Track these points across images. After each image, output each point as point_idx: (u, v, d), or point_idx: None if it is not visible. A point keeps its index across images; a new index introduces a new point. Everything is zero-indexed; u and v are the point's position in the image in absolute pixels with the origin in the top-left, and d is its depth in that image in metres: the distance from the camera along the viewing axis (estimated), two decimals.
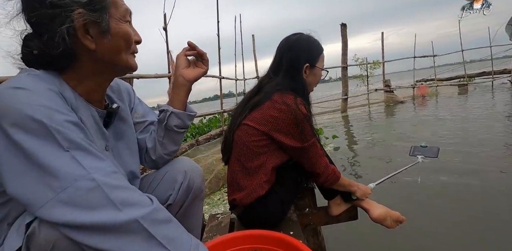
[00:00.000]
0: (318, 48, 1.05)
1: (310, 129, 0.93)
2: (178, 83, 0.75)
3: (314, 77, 1.05)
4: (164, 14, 3.52)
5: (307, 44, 1.03)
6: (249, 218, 0.98)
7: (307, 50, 1.02)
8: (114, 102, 0.70)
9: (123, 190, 0.48)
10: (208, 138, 5.40)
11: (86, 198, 0.44)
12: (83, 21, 0.52)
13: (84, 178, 0.45)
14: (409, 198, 1.91)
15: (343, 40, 7.51)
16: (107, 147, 0.64)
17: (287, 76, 0.99)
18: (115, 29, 0.56)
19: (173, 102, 0.75)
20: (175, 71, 0.76)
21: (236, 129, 0.98)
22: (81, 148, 0.48)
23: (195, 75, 0.76)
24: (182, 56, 0.76)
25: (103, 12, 0.54)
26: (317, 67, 1.04)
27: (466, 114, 5.15)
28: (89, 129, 0.58)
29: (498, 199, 1.79)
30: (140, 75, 3.00)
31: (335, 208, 1.14)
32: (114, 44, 0.57)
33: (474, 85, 10.70)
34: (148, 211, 0.47)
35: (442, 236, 1.48)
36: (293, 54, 1.00)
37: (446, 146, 3.06)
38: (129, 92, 0.78)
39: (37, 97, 0.47)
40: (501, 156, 2.59)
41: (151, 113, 0.84)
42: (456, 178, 2.19)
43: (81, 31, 0.53)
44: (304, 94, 1.00)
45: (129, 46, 0.60)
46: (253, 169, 0.94)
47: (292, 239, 0.67)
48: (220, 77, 5.39)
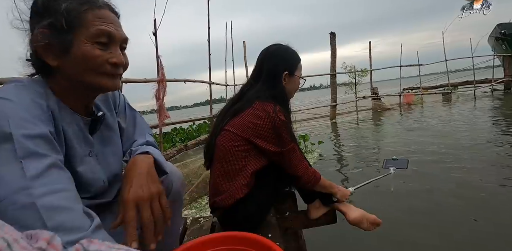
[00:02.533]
0: (296, 57, 1.11)
1: (289, 135, 0.97)
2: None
3: (293, 85, 1.11)
4: (154, 19, 3.54)
5: (286, 53, 1.09)
6: (229, 220, 1.00)
7: (286, 59, 1.08)
8: (101, 110, 0.71)
9: (62, 212, 0.45)
10: (197, 143, 5.39)
11: (18, 215, 0.42)
12: (44, 41, 0.55)
13: (22, 193, 0.43)
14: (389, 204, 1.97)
15: (332, 48, 7.70)
16: (90, 153, 0.66)
17: (267, 83, 1.04)
18: (76, 50, 0.56)
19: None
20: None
21: (218, 135, 1.01)
22: (36, 159, 0.46)
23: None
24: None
25: (67, 33, 0.56)
26: (296, 75, 1.10)
27: (449, 121, 5.34)
28: (71, 136, 0.60)
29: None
30: (128, 79, 3.01)
31: (314, 211, 1.17)
32: (76, 64, 0.57)
33: (457, 94, 11.10)
34: (81, 236, 0.44)
35: (422, 239, 1.53)
36: (273, 62, 1.06)
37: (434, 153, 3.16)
38: (114, 99, 0.79)
39: (15, 108, 0.49)
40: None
41: (136, 120, 0.83)
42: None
43: (40, 49, 0.56)
44: (283, 100, 1.05)
45: (94, 68, 0.58)
46: (234, 173, 0.97)
47: (266, 240, 0.69)
48: (210, 83, 5.42)
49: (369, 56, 9.37)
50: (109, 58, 0.59)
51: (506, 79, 11.25)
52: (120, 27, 0.62)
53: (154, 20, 3.57)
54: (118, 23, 0.62)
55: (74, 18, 0.56)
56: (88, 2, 0.57)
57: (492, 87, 11.20)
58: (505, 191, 2.01)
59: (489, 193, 2.00)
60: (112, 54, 0.60)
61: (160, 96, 3.56)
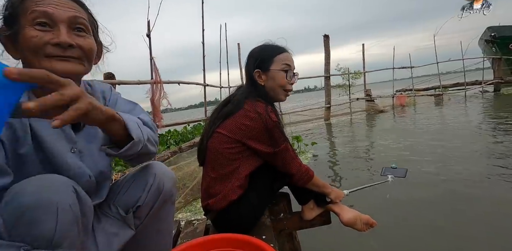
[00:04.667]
0: (271, 51, 1.06)
1: (281, 135, 0.98)
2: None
3: (273, 81, 1.05)
4: (148, 21, 3.53)
5: (258, 51, 1.07)
6: (223, 222, 1.00)
7: (256, 56, 1.05)
8: None
9: None
10: (191, 145, 5.35)
11: None
12: (3, 35, 0.59)
13: None
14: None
15: (326, 50, 7.76)
16: (73, 149, 0.66)
17: (249, 84, 1.06)
18: (20, 37, 0.57)
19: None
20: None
21: (209, 137, 1.01)
22: None
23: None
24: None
25: (14, 23, 0.58)
26: (272, 70, 1.04)
27: (442, 122, 5.41)
28: (47, 133, 0.61)
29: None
30: (121, 81, 2.98)
31: (308, 212, 1.18)
32: (23, 50, 0.58)
33: (448, 95, 11.28)
34: None
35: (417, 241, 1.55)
36: (247, 62, 1.07)
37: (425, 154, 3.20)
38: (104, 94, 0.77)
39: None
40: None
41: (133, 111, 0.79)
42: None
43: (4, 44, 0.60)
44: (268, 99, 1.04)
45: (35, 49, 0.57)
46: (226, 175, 0.97)
47: (259, 241, 0.69)
48: (204, 85, 5.40)
49: (363, 58, 9.47)
50: (50, 39, 0.57)
51: (495, 80, 11.50)
52: (70, 7, 0.60)
53: (147, 21, 3.56)
54: (66, 4, 0.60)
55: (16, 8, 0.57)
56: None
57: (483, 88, 11.43)
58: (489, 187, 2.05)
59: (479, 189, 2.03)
60: (54, 35, 0.58)
61: (154, 98, 3.54)
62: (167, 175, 0.76)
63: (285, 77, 1.05)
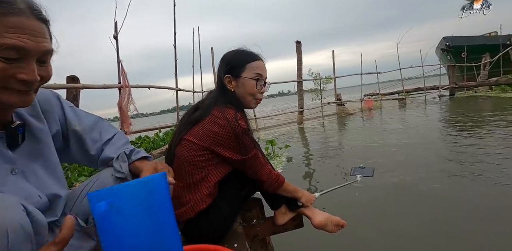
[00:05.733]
0: (243, 58, 1.04)
1: (250, 142, 0.97)
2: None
3: (243, 88, 1.03)
4: (115, 22, 3.39)
5: (230, 57, 1.06)
6: (193, 233, 0.96)
7: (228, 62, 1.04)
8: (25, 119, 0.62)
9: None
10: (162, 152, 5.18)
11: None
12: None
13: None
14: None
15: (298, 56, 7.97)
16: (14, 170, 0.59)
17: (219, 90, 1.04)
18: None
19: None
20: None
21: (177, 145, 0.98)
22: None
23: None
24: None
25: None
26: (243, 77, 1.03)
27: (405, 123, 5.78)
28: None
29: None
30: (85, 85, 2.81)
31: (280, 217, 1.18)
32: None
33: (411, 99, 12.10)
34: None
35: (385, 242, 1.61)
36: (218, 67, 1.06)
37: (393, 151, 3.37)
38: (51, 104, 0.70)
39: None
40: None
41: (86, 118, 0.77)
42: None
43: None
44: (238, 106, 1.02)
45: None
46: (195, 184, 0.94)
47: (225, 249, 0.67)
48: (176, 89, 5.29)
49: (333, 64, 9.86)
50: (16, 73, 0.51)
51: (450, 86, 12.58)
52: (44, 37, 0.53)
53: (115, 23, 3.42)
54: (40, 33, 0.52)
55: None
56: (1, 5, 0.47)
57: (440, 93, 12.43)
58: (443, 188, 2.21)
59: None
60: (21, 69, 0.51)
61: (122, 103, 3.38)
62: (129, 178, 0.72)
63: (255, 86, 1.04)
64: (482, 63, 13.22)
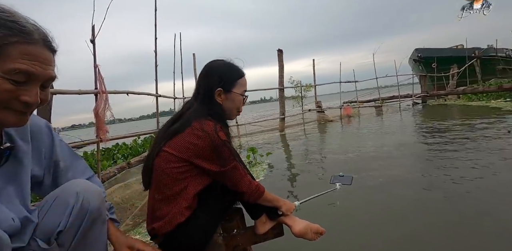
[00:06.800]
0: (235, 73, 1.07)
1: (230, 154, 0.96)
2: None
3: (232, 102, 1.06)
4: (93, 25, 3.29)
5: (221, 69, 1.06)
6: (171, 246, 0.93)
7: (220, 75, 1.04)
8: (14, 141, 0.64)
9: None
10: (141, 160, 5.01)
11: None
12: None
13: None
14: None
15: (279, 64, 8.11)
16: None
17: (204, 102, 1.03)
18: None
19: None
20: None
21: (155, 156, 0.96)
22: None
23: None
24: None
25: None
26: (234, 92, 1.05)
27: (382, 129, 6.01)
28: None
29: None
30: (59, 90, 2.69)
31: (261, 226, 1.17)
32: None
33: (387, 107, 12.65)
34: None
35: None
36: (206, 79, 1.05)
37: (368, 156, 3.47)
38: (40, 131, 0.71)
39: None
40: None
41: (70, 156, 0.81)
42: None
43: None
44: (221, 119, 1.03)
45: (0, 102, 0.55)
46: (173, 196, 0.92)
47: None
48: (156, 95, 5.17)
49: (313, 72, 10.12)
50: (20, 95, 0.55)
51: (422, 94, 13.34)
52: (51, 65, 0.59)
53: (92, 26, 3.31)
54: (49, 61, 0.59)
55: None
56: (20, 34, 0.53)
57: (413, 101, 13.11)
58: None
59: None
60: (26, 92, 0.55)
61: (99, 109, 3.25)
62: (92, 191, 0.69)
63: (242, 101, 1.10)
64: (451, 73, 14.18)
